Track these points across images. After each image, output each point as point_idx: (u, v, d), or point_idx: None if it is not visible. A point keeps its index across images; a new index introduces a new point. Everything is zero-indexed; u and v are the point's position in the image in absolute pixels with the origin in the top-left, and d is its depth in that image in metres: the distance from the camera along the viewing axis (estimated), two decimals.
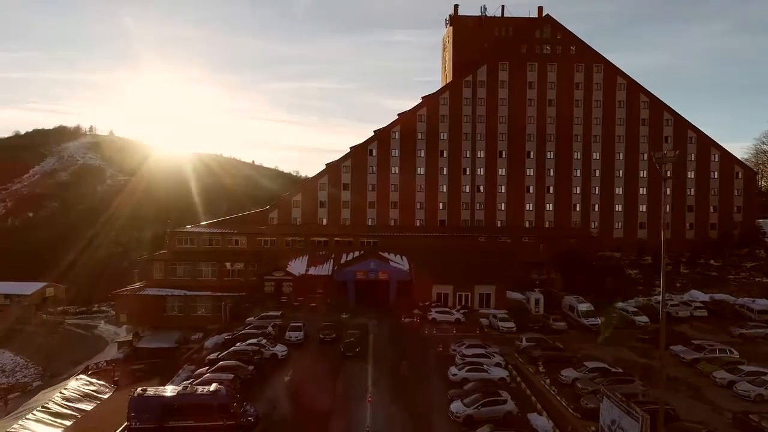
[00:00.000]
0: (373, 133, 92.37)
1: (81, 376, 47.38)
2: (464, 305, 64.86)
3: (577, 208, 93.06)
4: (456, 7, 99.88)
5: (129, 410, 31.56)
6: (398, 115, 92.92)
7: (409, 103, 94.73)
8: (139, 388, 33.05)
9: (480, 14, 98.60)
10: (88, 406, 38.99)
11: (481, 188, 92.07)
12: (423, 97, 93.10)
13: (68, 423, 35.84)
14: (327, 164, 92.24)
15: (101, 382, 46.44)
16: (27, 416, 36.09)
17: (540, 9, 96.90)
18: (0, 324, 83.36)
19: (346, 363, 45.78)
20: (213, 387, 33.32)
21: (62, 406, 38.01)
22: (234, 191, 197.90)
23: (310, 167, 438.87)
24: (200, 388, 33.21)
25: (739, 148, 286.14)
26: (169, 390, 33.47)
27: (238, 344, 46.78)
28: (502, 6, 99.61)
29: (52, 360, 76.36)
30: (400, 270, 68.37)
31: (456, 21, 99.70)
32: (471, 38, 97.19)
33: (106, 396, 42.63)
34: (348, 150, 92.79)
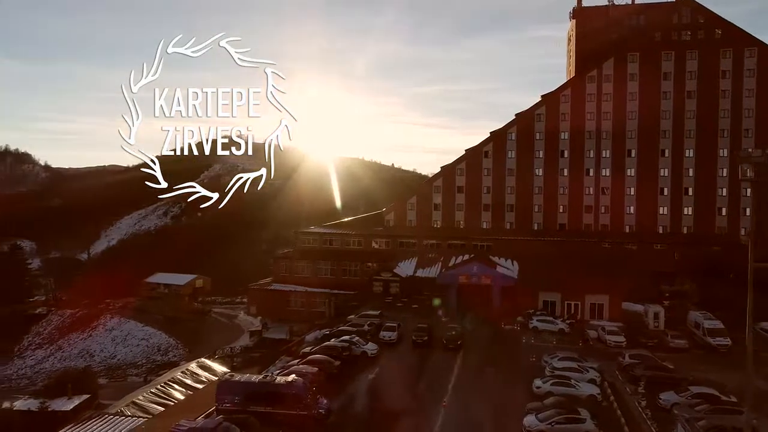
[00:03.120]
0: (489, 134, 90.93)
1: (202, 359, 53.69)
2: (572, 315, 61.33)
3: (723, 212, 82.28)
4: None
5: (217, 393, 35.34)
6: (515, 115, 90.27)
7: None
8: (227, 374, 36.94)
9: (607, 3, 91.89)
10: (198, 386, 44.36)
11: (606, 190, 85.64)
12: (542, 96, 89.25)
13: (178, 399, 41.22)
14: (442, 167, 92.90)
15: (219, 366, 52.24)
16: (150, 389, 42.29)
17: None
18: (158, 310, 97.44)
19: (433, 365, 46.04)
20: (291, 378, 35.97)
21: (178, 383, 43.77)
22: (372, 193, 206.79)
23: None
24: (279, 378, 36.09)
25: None
26: (253, 377, 36.95)
27: (332, 340, 49.44)
28: None
29: (197, 343, 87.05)
30: (505, 275, 66.64)
31: (579, 13, 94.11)
32: (595, 30, 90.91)
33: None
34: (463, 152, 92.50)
